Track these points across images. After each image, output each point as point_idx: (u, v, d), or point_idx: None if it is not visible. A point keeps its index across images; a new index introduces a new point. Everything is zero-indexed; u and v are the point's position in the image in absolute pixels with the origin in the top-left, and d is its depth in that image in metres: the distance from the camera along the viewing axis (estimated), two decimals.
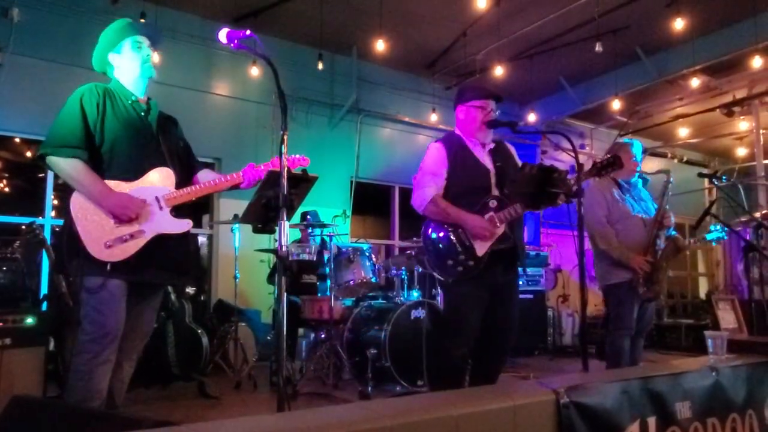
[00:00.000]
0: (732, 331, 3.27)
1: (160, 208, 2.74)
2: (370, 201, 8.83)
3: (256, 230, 2.99)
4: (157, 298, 2.92)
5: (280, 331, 2.40)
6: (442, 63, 8.22)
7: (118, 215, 2.62)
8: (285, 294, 2.46)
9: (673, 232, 3.96)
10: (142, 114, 2.84)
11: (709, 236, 5.12)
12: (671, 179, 3.96)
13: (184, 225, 2.80)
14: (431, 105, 8.53)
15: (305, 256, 4.98)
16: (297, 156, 3.08)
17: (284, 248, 2.46)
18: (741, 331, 3.38)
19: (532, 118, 8.66)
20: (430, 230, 3.27)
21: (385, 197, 8.81)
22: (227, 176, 2.93)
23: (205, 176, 3.02)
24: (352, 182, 8.04)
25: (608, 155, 3.19)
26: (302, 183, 2.96)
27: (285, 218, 2.48)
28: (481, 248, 3.14)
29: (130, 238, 2.64)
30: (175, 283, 4.06)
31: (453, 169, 3.26)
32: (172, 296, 4.72)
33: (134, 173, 2.72)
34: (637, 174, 4.14)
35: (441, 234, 3.21)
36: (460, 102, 3.42)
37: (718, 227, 4.06)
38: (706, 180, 9.92)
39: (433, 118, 8.48)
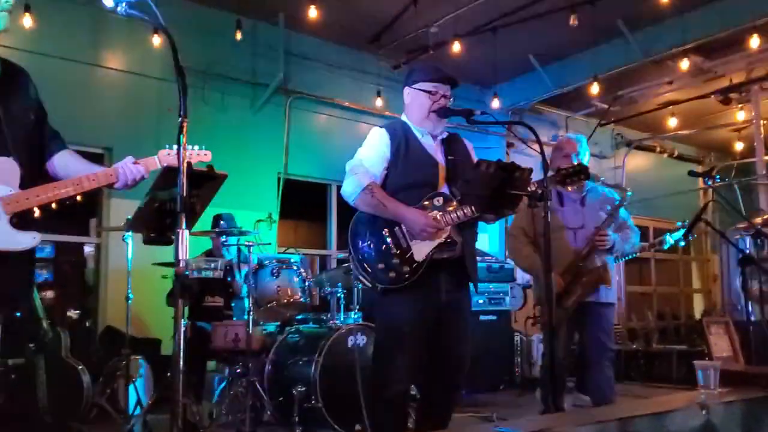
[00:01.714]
0: (725, 360, 3.35)
1: None
2: (302, 202, 8.76)
3: (148, 240, 2.89)
4: None
5: (176, 365, 2.34)
6: (389, 36, 8.20)
7: None
8: (184, 320, 2.40)
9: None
10: None
11: (667, 245, 5.28)
12: (625, 201, 4.23)
13: (28, 240, 2.55)
14: (376, 87, 8.51)
15: (209, 273, 4.87)
16: (196, 149, 2.97)
17: (183, 263, 2.38)
18: (736, 360, 3.47)
19: (495, 104, 8.72)
20: (359, 226, 3.26)
21: (319, 198, 8.76)
22: (96, 172, 2.72)
23: (66, 165, 2.75)
24: (279, 179, 7.96)
25: (571, 165, 3.28)
26: (207, 182, 2.88)
27: (184, 226, 2.40)
28: (420, 252, 3.14)
29: None
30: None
31: (396, 159, 3.29)
32: (44, 323, 4.54)
33: None
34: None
35: (373, 231, 3.20)
36: (408, 83, 3.45)
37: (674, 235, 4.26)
38: (700, 179, 10.23)
39: (378, 102, 8.46)
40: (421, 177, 3.26)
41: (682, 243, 4.40)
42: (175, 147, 2.66)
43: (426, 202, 3.20)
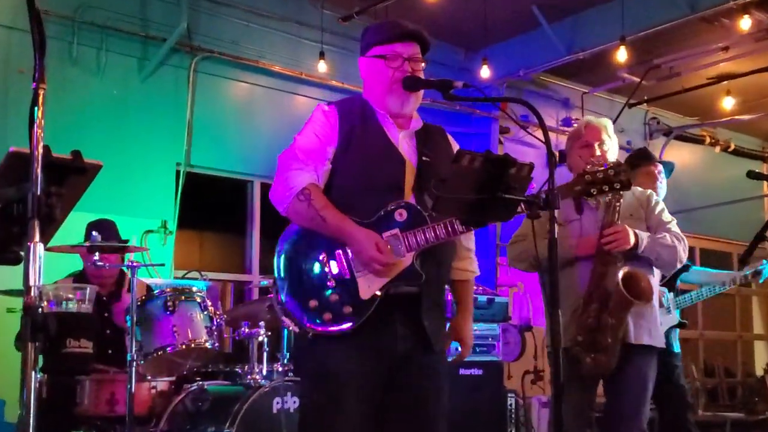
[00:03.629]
0: None
1: None
2: (211, 207, 8.75)
3: None
4: None
5: None
6: None
7: None
8: (38, 372, 2.38)
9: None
10: None
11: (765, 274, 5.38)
12: (622, 197, 4.15)
13: None
14: (318, 46, 8.53)
15: (73, 305, 4.83)
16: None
17: (35, 291, 2.37)
18: None
19: (485, 73, 8.80)
20: (288, 244, 3.26)
21: (236, 201, 8.77)
22: None
23: None
24: (179, 173, 7.96)
25: (613, 164, 3.28)
26: (73, 175, 2.86)
27: (38, 238, 2.39)
28: (367, 288, 3.13)
29: None
30: None
31: (345, 149, 3.28)
32: None
33: None
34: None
35: (307, 253, 3.20)
36: (362, 53, 3.48)
37: None
38: (765, 183, 10.40)
39: (321, 67, 8.48)
40: (382, 176, 3.25)
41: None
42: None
43: (383, 216, 3.17)
